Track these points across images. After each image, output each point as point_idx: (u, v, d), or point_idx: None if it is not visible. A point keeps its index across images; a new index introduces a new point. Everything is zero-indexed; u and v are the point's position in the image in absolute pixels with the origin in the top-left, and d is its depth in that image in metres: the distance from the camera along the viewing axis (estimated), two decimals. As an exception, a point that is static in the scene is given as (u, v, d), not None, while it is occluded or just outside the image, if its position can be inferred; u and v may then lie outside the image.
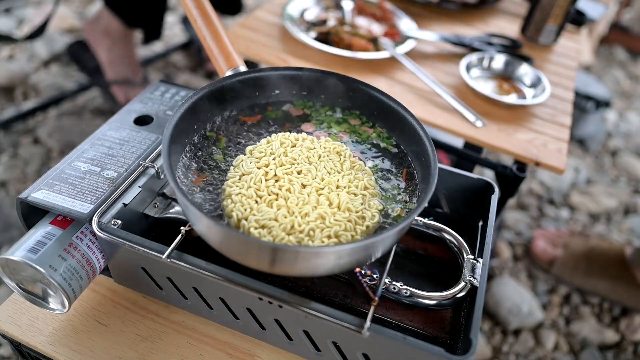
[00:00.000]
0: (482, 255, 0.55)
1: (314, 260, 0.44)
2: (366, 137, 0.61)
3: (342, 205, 0.50)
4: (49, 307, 0.55)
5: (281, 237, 0.47)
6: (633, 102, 2.16)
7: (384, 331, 0.46)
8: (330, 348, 0.51)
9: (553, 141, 0.91)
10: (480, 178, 0.63)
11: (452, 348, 0.55)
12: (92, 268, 0.55)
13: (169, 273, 0.54)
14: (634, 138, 1.93)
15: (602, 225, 1.53)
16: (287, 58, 1.00)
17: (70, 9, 2.13)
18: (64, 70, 1.78)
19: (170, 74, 1.86)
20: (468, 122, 0.90)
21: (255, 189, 0.51)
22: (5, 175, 1.39)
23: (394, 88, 0.97)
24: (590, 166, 1.77)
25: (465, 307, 0.57)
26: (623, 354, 1.19)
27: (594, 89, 1.78)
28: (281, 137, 0.57)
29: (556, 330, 1.22)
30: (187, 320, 0.58)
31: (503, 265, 1.35)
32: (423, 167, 0.55)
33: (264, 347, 0.56)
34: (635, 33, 2.51)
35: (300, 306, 0.47)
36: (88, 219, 0.52)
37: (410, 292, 0.54)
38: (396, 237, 0.48)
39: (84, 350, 0.54)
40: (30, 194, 0.54)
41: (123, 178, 0.57)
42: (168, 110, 0.68)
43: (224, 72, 0.60)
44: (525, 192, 1.60)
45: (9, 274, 0.53)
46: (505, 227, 1.45)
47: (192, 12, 0.62)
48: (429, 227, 0.61)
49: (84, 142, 0.62)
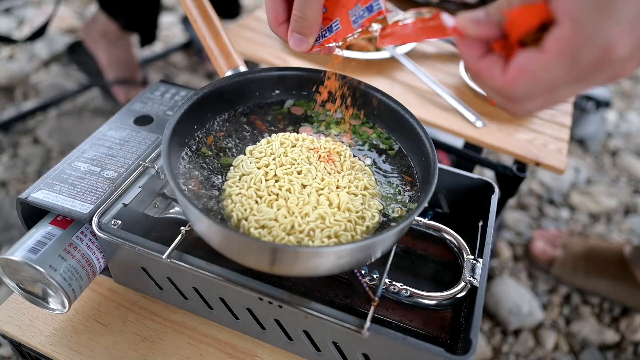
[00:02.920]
0: (482, 255, 0.55)
1: (314, 261, 0.44)
2: (366, 137, 0.61)
3: (342, 206, 0.50)
4: (49, 307, 0.55)
5: (281, 237, 0.47)
6: (633, 102, 2.16)
7: (384, 331, 0.46)
8: (330, 348, 0.51)
9: (553, 141, 0.91)
10: (480, 178, 0.63)
11: (452, 348, 0.55)
12: (92, 268, 0.55)
13: (169, 273, 0.54)
14: (634, 138, 1.93)
15: (602, 225, 1.53)
16: (287, 58, 1.00)
17: (70, 9, 2.13)
18: (64, 70, 1.78)
19: (170, 74, 1.86)
20: (468, 122, 0.90)
21: (255, 189, 0.51)
22: (5, 175, 1.39)
23: (394, 88, 0.97)
24: (591, 166, 1.77)
25: (465, 307, 0.57)
26: (623, 354, 1.19)
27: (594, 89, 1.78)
28: (281, 137, 0.57)
29: (556, 331, 1.22)
30: (187, 320, 0.58)
31: (503, 265, 1.35)
32: (423, 167, 0.55)
33: (264, 347, 0.56)
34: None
35: (300, 306, 0.47)
36: (88, 219, 0.52)
37: (410, 292, 0.54)
38: (396, 237, 0.48)
39: (84, 350, 0.54)
40: (30, 194, 0.54)
41: (123, 178, 0.57)
42: (168, 110, 0.68)
43: (224, 72, 0.60)
44: (525, 192, 1.60)
45: (9, 274, 0.53)
46: (505, 227, 1.45)
47: (192, 12, 0.62)
48: (429, 227, 0.61)
49: (84, 142, 0.62)
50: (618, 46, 0.30)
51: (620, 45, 0.30)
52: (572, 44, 0.30)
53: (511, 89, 0.33)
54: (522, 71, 0.32)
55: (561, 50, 0.31)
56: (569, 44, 0.30)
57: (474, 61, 0.36)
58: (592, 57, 0.30)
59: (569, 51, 0.31)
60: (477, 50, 0.36)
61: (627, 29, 0.29)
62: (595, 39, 0.30)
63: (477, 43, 0.36)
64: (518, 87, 0.32)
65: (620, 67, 0.31)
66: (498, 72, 0.34)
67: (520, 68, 0.32)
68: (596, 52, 0.30)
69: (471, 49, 0.36)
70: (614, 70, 0.32)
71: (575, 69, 0.31)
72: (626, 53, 0.30)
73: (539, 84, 0.32)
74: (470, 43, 0.36)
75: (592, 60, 0.31)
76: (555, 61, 0.31)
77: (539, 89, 0.32)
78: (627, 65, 0.31)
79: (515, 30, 0.33)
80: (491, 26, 0.34)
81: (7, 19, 2.02)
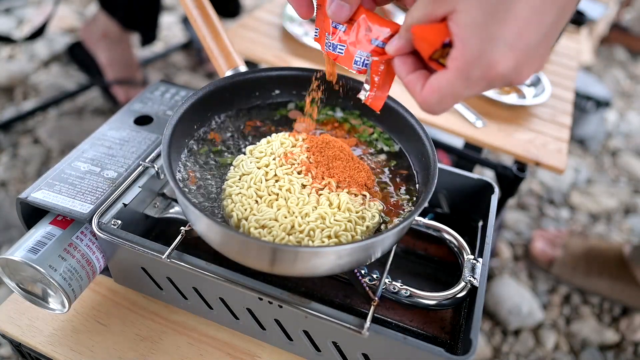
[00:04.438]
0: (482, 255, 0.55)
1: (314, 260, 0.44)
2: (366, 137, 0.61)
3: (342, 206, 0.50)
4: (49, 307, 0.55)
5: (281, 237, 0.47)
6: (633, 102, 2.16)
7: (384, 331, 0.46)
8: (330, 348, 0.51)
9: (553, 141, 0.91)
10: (480, 178, 0.63)
11: (452, 348, 0.55)
12: (92, 268, 0.55)
13: (169, 273, 0.54)
14: (634, 138, 1.93)
15: (602, 225, 1.53)
16: (287, 58, 1.00)
17: (70, 9, 2.13)
18: (64, 70, 1.78)
19: (170, 74, 1.86)
20: (468, 122, 0.90)
21: (256, 189, 0.51)
22: (5, 175, 1.39)
23: (394, 88, 0.96)
24: (591, 166, 1.77)
25: (465, 307, 0.57)
26: (623, 354, 1.19)
27: (594, 89, 1.78)
28: (281, 137, 0.57)
29: (556, 331, 1.22)
30: (187, 320, 0.58)
31: (503, 265, 1.35)
32: (423, 167, 0.55)
33: (264, 347, 0.56)
34: (636, 33, 2.51)
35: (301, 306, 0.47)
36: (88, 219, 0.52)
37: (410, 292, 0.54)
38: (396, 237, 0.48)
39: (84, 350, 0.54)
40: (30, 194, 0.54)
41: (123, 178, 0.57)
42: (168, 110, 0.68)
43: (224, 72, 0.60)
44: (525, 192, 1.60)
45: (9, 274, 0.53)
46: (505, 227, 1.45)
47: (192, 12, 0.62)
48: (429, 227, 0.61)
49: (84, 142, 0.62)
50: (499, 64, 0.36)
51: (501, 62, 0.36)
52: (463, 63, 0.37)
53: (425, 103, 0.40)
54: (432, 90, 0.39)
55: (456, 68, 0.37)
56: (461, 62, 0.37)
57: (403, 76, 0.42)
58: (480, 73, 0.36)
59: (462, 69, 0.37)
60: (406, 67, 0.42)
61: (507, 49, 0.35)
62: (480, 58, 0.36)
63: (405, 61, 0.42)
64: (430, 101, 0.40)
65: (513, 77, 0.37)
66: (419, 88, 0.41)
67: (431, 87, 0.39)
68: (483, 69, 0.36)
69: (401, 66, 0.42)
70: (508, 79, 0.37)
71: (469, 82, 0.37)
72: (509, 67, 0.36)
73: (445, 96, 0.39)
74: (401, 60, 0.42)
75: (480, 75, 0.37)
76: (454, 77, 0.38)
77: (446, 99, 0.39)
78: (520, 75, 0.37)
79: (423, 47, 0.39)
80: (403, 43, 0.41)
81: (7, 19, 2.02)
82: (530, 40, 0.36)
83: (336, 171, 0.53)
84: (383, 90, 0.48)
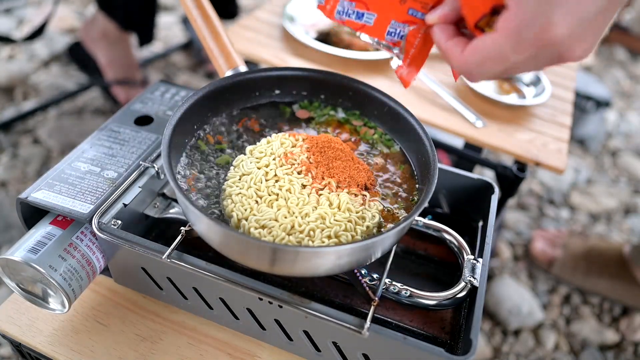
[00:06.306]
0: (482, 255, 0.55)
1: (314, 260, 0.44)
2: (367, 137, 0.61)
3: (342, 206, 0.50)
4: (49, 307, 0.55)
5: (281, 237, 0.47)
6: (633, 102, 2.16)
7: (384, 331, 0.46)
8: (330, 348, 0.51)
9: (553, 141, 0.91)
10: (480, 178, 0.63)
11: (452, 348, 0.55)
12: (92, 268, 0.55)
13: (169, 273, 0.54)
14: (634, 138, 1.93)
15: (602, 225, 1.53)
16: (287, 58, 1.00)
17: (70, 9, 2.13)
18: (64, 70, 1.78)
19: (170, 74, 1.86)
20: (468, 122, 0.90)
21: (256, 189, 0.51)
22: (5, 175, 1.39)
23: (394, 88, 0.97)
24: (591, 166, 1.77)
25: (465, 307, 0.57)
26: (623, 354, 1.19)
27: (594, 89, 1.78)
28: (281, 137, 0.57)
29: (556, 331, 1.22)
30: (187, 320, 0.58)
31: (503, 265, 1.35)
32: (423, 167, 0.55)
33: (264, 347, 0.56)
34: (636, 33, 2.50)
35: (300, 306, 0.47)
36: (88, 219, 0.52)
37: (410, 293, 0.54)
38: (396, 237, 0.48)
39: (84, 350, 0.54)
40: (30, 194, 0.54)
41: (123, 178, 0.57)
42: (168, 110, 0.68)
43: (224, 72, 0.60)
44: (525, 192, 1.60)
45: (9, 274, 0.53)
46: (505, 227, 1.45)
47: (192, 12, 0.62)
48: (429, 227, 0.61)
49: (84, 142, 0.62)
50: (555, 26, 0.35)
51: (557, 25, 0.35)
52: (516, 24, 0.36)
53: (466, 64, 0.40)
54: (475, 50, 0.39)
55: (507, 29, 0.36)
56: (513, 24, 0.36)
57: (441, 42, 0.42)
58: (533, 34, 0.36)
59: (514, 30, 0.36)
60: (445, 34, 0.42)
61: (564, 12, 0.34)
62: (535, 19, 0.35)
63: (445, 28, 0.42)
64: (470, 61, 0.40)
65: (564, 48, 0.36)
66: (458, 52, 0.41)
67: (473, 48, 0.39)
68: (536, 31, 0.35)
69: (440, 33, 0.42)
70: (558, 50, 0.37)
71: (519, 45, 0.37)
72: (563, 33, 0.35)
73: (489, 58, 0.38)
74: (440, 28, 0.42)
75: (533, 38, 0.36)
76: (503, 38, 0.37)
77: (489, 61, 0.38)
78: (571, 47, 0.36)
79: (471, 13, 0.38)
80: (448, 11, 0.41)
81: (7, 19, 2.02)
82: (589, 9, 0.35)
83: (336, 171, 0.53)
84: (416, 63, 0.46)
